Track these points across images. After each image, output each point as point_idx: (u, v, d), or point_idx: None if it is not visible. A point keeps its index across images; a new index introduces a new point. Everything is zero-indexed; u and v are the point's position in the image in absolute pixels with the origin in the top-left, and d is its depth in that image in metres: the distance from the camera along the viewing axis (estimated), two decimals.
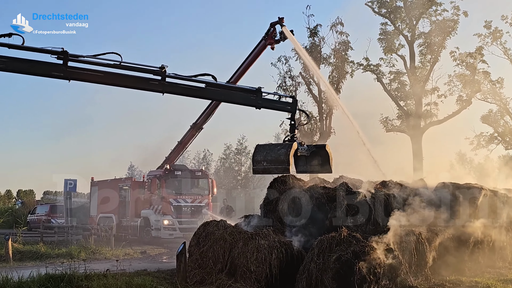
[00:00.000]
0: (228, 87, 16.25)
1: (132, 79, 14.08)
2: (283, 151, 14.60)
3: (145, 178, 33.46)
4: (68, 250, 22.40)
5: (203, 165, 65.52)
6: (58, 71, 13.19)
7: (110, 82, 14.16)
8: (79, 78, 13.61)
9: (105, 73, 13.73)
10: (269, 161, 14.85)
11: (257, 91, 15.54)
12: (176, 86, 14.61)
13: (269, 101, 16.35)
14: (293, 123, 16.29)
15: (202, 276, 14.03)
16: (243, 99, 15.89)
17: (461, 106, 41.43)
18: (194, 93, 15.40)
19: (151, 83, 14.28)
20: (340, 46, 41.09)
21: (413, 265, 14.32)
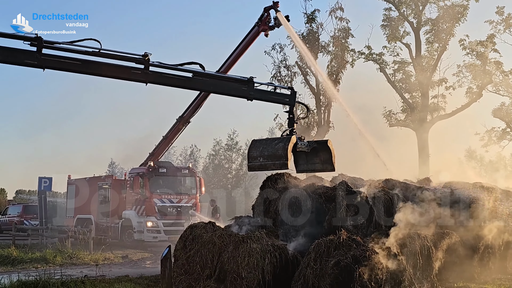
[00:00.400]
0: (217, 76, 16.20)
1: (112, 68, 14.00)
2: (281, 145, 14.58)
3: (127, 176, 33.42)
4: (42, 255, 22.37)
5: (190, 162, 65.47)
6: (31, 59, 13.11)
7: (89, 71, 14.07)
8: (55, 67, 13.52)
9: (83, 62, 13.64)
10: (266, 157, 14.82)
11: (248, 81, 15.50)
12: (161, 75, 14.53)
13: (263, 93, 16.32)
14: (291, 116, 16.28)
15: (189, 283, 14.04)
16: (234, 90, 15.86)
17: (471, 99, 41.55)
18: (180, 83, 15.32)
19: (133, 72, 14.20)
20: (340, 33, 41.09)
21: (418, 271, 14.34)
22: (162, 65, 14.42)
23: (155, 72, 14.35)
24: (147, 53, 14.03)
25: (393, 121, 43.29)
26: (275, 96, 17.71)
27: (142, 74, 14.19)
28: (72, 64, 13.58)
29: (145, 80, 14.32)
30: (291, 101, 16.56)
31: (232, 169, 62.47)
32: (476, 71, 41.09)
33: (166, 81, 14.85)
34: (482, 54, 40.94)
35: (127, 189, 31.86)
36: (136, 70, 14.15)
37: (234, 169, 62.41)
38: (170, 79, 14.79)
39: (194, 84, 15.87)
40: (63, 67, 13.60)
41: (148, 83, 14.42)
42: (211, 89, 16.04)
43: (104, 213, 33.16)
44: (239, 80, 15.64)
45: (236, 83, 15.72)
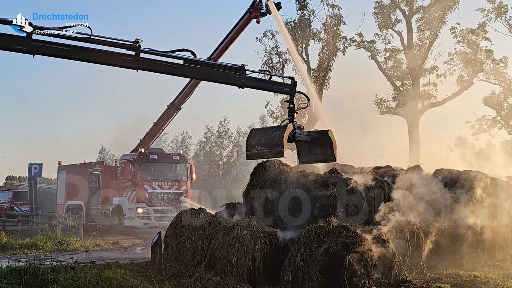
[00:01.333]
0: (208, 64, 16.11)
1: (103, 55, 13.91)
2: (277, 134, 14.57)
3: (117, 163, 33.34)
4: (32, 241, 22.32)
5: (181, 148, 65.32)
6: (21, 44, 13.01)
7: (79, 58, 13.98)
8: (45, 53, 13.44)
9: (73, 48, 13.55)
10: (263, 145, 14.81)
11: (240, 69, 15.45)
12: (151, 62, 14.46)
13: (256, 80, 16.24)
14: (292, 106, 16.23)
15: (179, 269, 14.04)
16: (225, 78, 15.79)
17: (462, 87, 41.66)
18: (171, 70, 15.27)
19: (124, 58, 14.12)
20: (332, 20, 41.05)
21: (407, 258, 14.44)
22: (153, 51, 14.35)
23: (146, 59, 14.27)
24: (138, 40, 13.95)
25: (384, 109, 43.38)
26: (271, 85, 17.65)
27: (133, 61, 14.11)
28: (62, 50, 13.48)
29: (136, 67, 14.25)
30: (291, 91, 16.48)
31: (223, 156, 62.39)
32: (467, 59, 41.18)
33: (156, 68, 14.79)
34: (473, 42, 41.04)
35: (118, 175, 31.78)
36: (126, 57, 14.07)
37: (225, 156, 62.35)
38: (160, 66, 14.73)
39: (184, 71, 15.81)
40: (53, 53, 13.51)
41: (139, 70, 14.37)
42: (202, 76, 15.94)
43: (94, 199, 33.11)
44: (230, 67, 15.58)
45: (227, 70, 15.66)
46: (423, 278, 14.46)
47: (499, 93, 44.62)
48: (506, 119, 45.21)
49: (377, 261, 12.78)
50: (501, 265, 17.14)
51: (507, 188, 19.01)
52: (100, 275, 12.25)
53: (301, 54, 41.36)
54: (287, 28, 39.28)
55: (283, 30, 33.08)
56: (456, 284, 13.92)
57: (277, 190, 16.30)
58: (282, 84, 17.21)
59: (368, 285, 12.27)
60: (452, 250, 16.06)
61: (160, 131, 36.34)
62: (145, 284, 12.30)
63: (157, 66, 14.63)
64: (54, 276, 12.26)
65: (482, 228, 17.12)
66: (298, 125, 15.57)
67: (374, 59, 42.94)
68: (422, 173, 18.34)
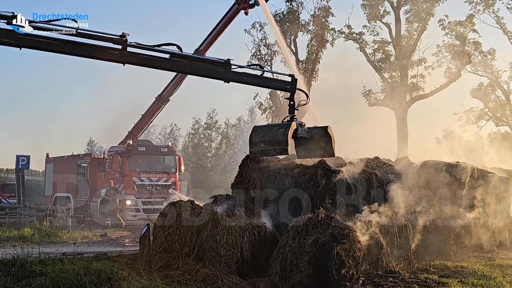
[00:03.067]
0: (194, 58, 16.07)
1: (89, 48, 13.91)
2: (281, 131, 14.63)
3: (105, 155, 33.26)
4: (20, 233, 22.22)
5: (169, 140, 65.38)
6: (8, 37, 12.96)
7: (66, 51, 13.96)
8: (31, 46, 13.41)
9: (60, 41, 13.52)
10: (267, 142, 14.87)
11: (225, 63, 15.44)
12: (138, 56, 14.47)
13: (242, 75, 16.19)
14: (292, 103, 16.23)
15: (168, 261, 14.03)
16: (211, 72, 15.80)
17: (450, 79, 41.84)
18: (157, 64, 15.32)
19: (110, 52, 14.13)
20: (320, 12, 41.10)
21: (395, 249, 14.51)
22: (140, 45, 14.35)
23: (133, 53, 14.28)
24: (124, 34, 13.94)
25: (372, 101, 43.51)
26: (270, 82, 17.67)
27: (120, 55, 14.11)
28: (49, 44, 13.46)
29: (123, 61, 14.26)
30: (292, 88, 16.45)
31: (212, 148, 62.30)
32: (455, 51, 41.36)
33: (143, 62, 14.81)
34: (461, 34, 41.20)
35: (106, 167, 31.70)
36: (113, 51, 14.07)
37: (214, 148, 62.26)
38: (147, 60, 14.75)
39: (171, 66, 15.83)
40: (40, 46, 13.49)
41: (125, 64, 14.38)
42: (188, 70, 15.92)
43: (83, 192, 33.01)
44: (216, 61, 15.56)
45: (213, 64, 15.64)
46: (411, 269, 14.55)
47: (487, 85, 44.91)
48: (494, 111, 45.50)
49: (365, 252, 12.84)
50: (488, 256, 17.28)
51: (494, 180, 19.14)
52: (88, 267, 12.21)
53: (289, 46, 41.40)
54: (276, 20, 39.30)
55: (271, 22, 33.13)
56: (443, 275, 14.01)
57: (265, 181, 16.31)
58: (282, 82, 17.21)
59: (356, 276, 12.33)
60: (439, 241, 16.15)
61: (148, 123, 36.29)
62: (133, 276, 12.29)
63: (143, 60, 14.67)
64: (42, 268, 12.21)
65: (470, 219, 17.23)
66: (299, 122, 15.64)
67: (363, 51, 43.02)
68: (410, 165, 18.42)
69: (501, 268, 15.07)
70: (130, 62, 14.41)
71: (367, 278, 13.05)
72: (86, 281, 11.51)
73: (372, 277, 13.20)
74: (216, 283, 12.23)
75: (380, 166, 17.26)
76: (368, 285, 12.53)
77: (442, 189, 17.01)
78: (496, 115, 45.74)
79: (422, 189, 16.70)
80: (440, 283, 12.99)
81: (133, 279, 12.01)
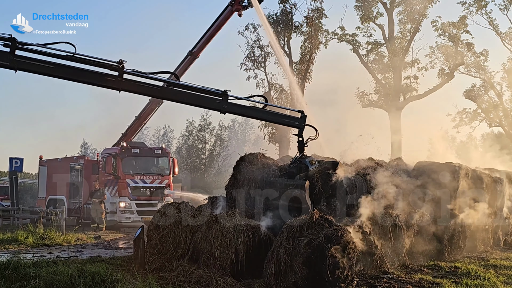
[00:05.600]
0: (190, 88, 15.86)
1: (86, 74, 13.92)
2: (298, 192, 14.62)
3: (99, 157, 33.17)
4: (14, 235, 22.14)
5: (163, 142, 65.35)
6: (4, 59, 12.97)
7: (62, 76, 13.96)
8: (27, 69, 13.42)
9: (56, 65, 13.52)
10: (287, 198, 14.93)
11: (222, 94, 15.35)
12: (134, 84, 14.47)
13: (239, 107, 16.00)
14: (301, 139, 16.15)
15: (162, 263, 14.03)
16: (207, 103, 15.73)
17: (443, 80, 41.99)
18: (153, 93, 15.41)
19: (107, 79, 14.14)
20: (313, 13, 41.16)
21: (389, 250, 14.52)
22: (136, 73, 14.35)
23: (129, 80, 14.29)
24: (122, 60, 13.95)
25: (366, 102, 43.61)
26: (278, 118, 17.52)
27: (116, 82, 14.11)
28: (45, 68, 13.47)
29: (118, 88, 14.27)
30: (301, 124, 16.27)
31: (206, 149, 62.28)
32: (448, 53, 41.52)
33: (139, 90, 14.83)
34: (454, 35, 41.33)
35: (100, 169, 31.62)
36: (109, 77, 14.08)
37: (208, 149, 62.25)
38: (143, 88, 14.77)
39: (167, 95, 15.82)
40: (36, 70, 13.50)
41: (121, 91, 14.38)
42: (184, 100, 15.74)
43: (76, 194, 32.92)
44: (213, 92, 15.47)
45: (209, 95, 15.53)
46: (405, 270, 14.57)
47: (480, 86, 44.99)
48: (487, 112, 45.62)
49: (359, 254, 12.85)
50: (482, 256, 17.33)
51: (488, 180, 19.20)
52: (83, 270, 12.21)
53: (283, 47, 41.44)
54: (269, 21, 39.34)
55: (264, 23, 33.18)
56: (437, 275, 14.04)
57: (259, 183, 16.32)
58: (290, 117, 17.13)
59: (351, 277, 12.33)
60: (433, 242, 16.17)
61: (142, 125, 36.25)
62: (127, 278, 12.29)
63: (139, 88, 14.72)
64: (36, 271, 12.21)
65: (463, 220, 17.26)
66: (309, 159, 15.59)
67: (356, 52, 43.12)
68: (404, 166, 18.45)
69: (495, 269, 15.11)
70: (126, 89, 14.45)
71: (362, 279, 13.05)
72: (80, 283, 11.51)
73: (366, 278, 13.20)
74: (210, 285, 12.21)
75: (373, 167, 17.28)
76: (362, 286, 12.53)
77: (436, 189, 17.03)
78: (489, 116, 45.86)
79: (416, 190, 16.72)
80: (434, 283, 13.01)
81: (127, 281, 12.01)
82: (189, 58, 31.84)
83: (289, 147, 39.72)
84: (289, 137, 39.08)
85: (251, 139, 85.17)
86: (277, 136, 41.57)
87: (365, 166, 17.18)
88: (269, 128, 42.20)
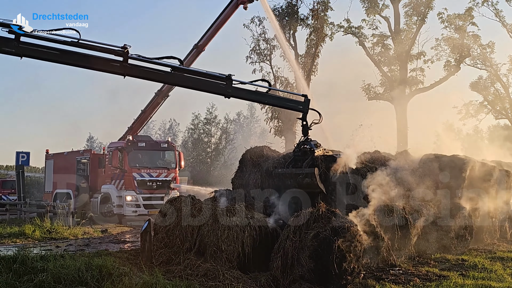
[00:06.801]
0: (195, 72, 15.92)
1: (90, 59, 13.94)
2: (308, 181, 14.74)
3: (105, 150, 33.20)
4: (21, 229, 22.21)
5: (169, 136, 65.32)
6: (9, 46, 12.98)
7: (67, 62, 13.97)
8: (32, 56, 13.42)
9: (61, 51, 13.52)
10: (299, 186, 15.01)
11: (226, 78, 15.38)
12: (139, 69, 14.49)
13: (243, 91, 16.05)
14: (305, 123, 16.17)
15: (169, 256, 14.04)
16: (211, 87, 15.75)
17: (449, 72, 41.84)
18: (158, 78, 15.39)
19: (112, 64, 14.15)
20: (319, 6, 41.04)
21: (396, 242, 14.51)
22: (141, 58, 14.35)
23: (134, 65, 14.30)
24: (126, 46, 13.95)
25: (372, 95, 43.51)
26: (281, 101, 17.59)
27: (121, 67, 14.13)
28: (50, 54, 13.47)
29: (123, 73, 14.29)
30: (305, 108, 16.32)
31: (211, 143, 62.27)
32: (454, 45, 41.36)
33: (144, 75, 14.84)
34: (460, 27, 41.17)
35: (106, 163, 31.66)
36: (114, 63, 14.09)
37: (213, 143, 62.25)
38: (148, 73, 14.78)
39: (172, 79, 15.84)
40: (41, 56, 13.51)
41: (126, 76, 14.40)
42: (188, 84, 15.79)
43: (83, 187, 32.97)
44: (217, 77, 15.50)
45: (214, 79, 15.57)
46: (412, 263, 14.57)
47: (486, 78, 44.85)
48: (493, 104, 45.48)
49: (366, 246, 12.84)
50: (489, 249, 17.29)
51: (494, 173, 19.13)
52: (90, 263, 12.22)
53: (288, 40, 41.35)
54: (275, 14, 39.25)
55: (270, 16, 33.09)
56: (444, 268, 14.04)
57: (265, 175, 16.31)
58: (293, 101, 17.15)
59: (357, 270, 12.33)
60: (440, 235, 16.15)
61: (148, 119, 36.26)
62: (134, 272, 12.29)
63: (144, 73, 14.70)
64: (44, 265, 12.22)
65: (470, 212, 17.23)
66: (314, 142, 15.61)
67: (362, 44, 43.01)
68: (410, 158, 18.40)
69: (502, 261, 15.09)
70: (131, 75, 14.45)
71: (368, 271, 13.07)
72: (87, 277, 11.51)
73: (373, 271, 13.23)
74: (217, 278, 12.21)
75: (380, 160, 17.24)
76: (369, 279, 12.54)
77: (443, 182, 17.00)
78: (496, 108, 45.71)
79: (422, 183, 16.69)
80: (441, 276, 13.01)
81: (135, 274, 12.02)
82: (195, 51, 31.81)
83: (295, 140, 39.66)
84: (295, 130, 39.07)
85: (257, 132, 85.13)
86: (283, 129, 41.54)
87: (371, 159, 17.14)
88: (275, 122, 42.19)
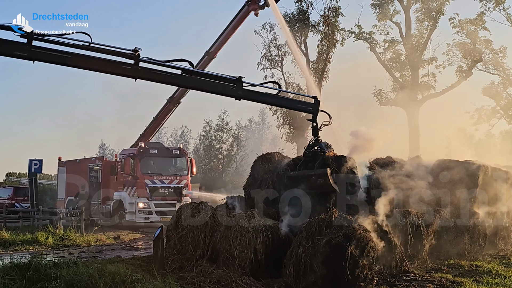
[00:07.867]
0: (206, 75, 16.01)
1: (102, 63, 14.01)
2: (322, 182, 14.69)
3: (117, 158, 33.32)
4: (34, 236, 22.31)
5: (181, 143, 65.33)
6: (21, 50, 13.06)
7: (78, 65, 14.06)
8: (45, 59, 13.50)
9: (73, 55, 13.60)
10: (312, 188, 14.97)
11: (237, 81, 15.42)
12: (150, 71, 14.56)
13: (254, 93, 16.10)
14: (315, 125, 16.20)
15: (181, 263, 14.04)
16: (222, 89, 15.79)
17: (461, 77, 41.69)
18: (169, 80, 15.44)
19: (123, 67, 14.22)
20: (330, 12, 41.03)
21: (409, 249, 14.45)
22: (152, 61, 14.42)
23: (145, 68, 14.37)
24: (137, 49, 14.02)
25: (383, 100, 43.41)
26: (292, 103, 17.61)
27: (132, 70, 14.19)
28: (61, 57, 13.54)
29: (135, 76, 14.36)
30: (315, 109, 16.36)
31: (223, 149, 62.28)
32: (466, 50, 41.23)
33: (155, 77, 14.90)
34: (472, 32, 41.03)
35: (118, 170, 31.76)
36: (125, 65, 14.16)
37: (225, 149, 62.25)
38: (159, 76, 14.83)
39: (183, 82, 15.96)
40: (53, 60, 13.58)
41: (137, 79, 14.47)
42: (199, 87, 15.86)
43: (95, 194, 33.09)
44: (228, 79, 15.55)
45: (224, 82, 15.62)
46: (425, 269, 14.50)
47: (498, 83, 44.65)
48: (505, 109, 45.25)
49: (379, 252, 12.78)
50: (502, 255, 17.18)
51: (508, 178, 19.02)
52: (103, 270, 12.25)
53: (299, 46, 41.37)
54: (286, 21, 39.29)
55: (281, 23, 33.11)
56: (458, 274, 13.95)
57: (277, 181, 16.29)
58: (303, 103, 17.21)
59: (370, 276, 12.29)
60: (453, 241, 16.07)
61: (160, 126, 36.41)
62: (147, 278, 12.31)
63: (155, 75, 14.76)
64: (57, 272, 12.26)
65: (484, 218, 17.14)
66: (325, 143, 15.61)
67: (373, 50, 42.97)
68: (423, 164, 18.33)
69: None
70: (142, 77, 14.54)
71: (381, 278, 13.02)
72: (100, 283, 11.55)
73: (386, 277, 13.17)
74: (230, 285, 12.21)
75: (392, 165, 17.19)
76: (382, 285, 12.50)
77: (456, 187, 16.92)
78: (508, 113, 45.48)
79: (435, 188, 16.62)
80: (454, 282, 12.93)
81: (147, 281, 12.03)
82: (206, 58, 31.89)
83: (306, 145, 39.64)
84: (306, 136, 39.04)
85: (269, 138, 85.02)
86: (295, 136, 41.53)
87: (383, 164, 17.10)
88: (286, 128, 42.20)
